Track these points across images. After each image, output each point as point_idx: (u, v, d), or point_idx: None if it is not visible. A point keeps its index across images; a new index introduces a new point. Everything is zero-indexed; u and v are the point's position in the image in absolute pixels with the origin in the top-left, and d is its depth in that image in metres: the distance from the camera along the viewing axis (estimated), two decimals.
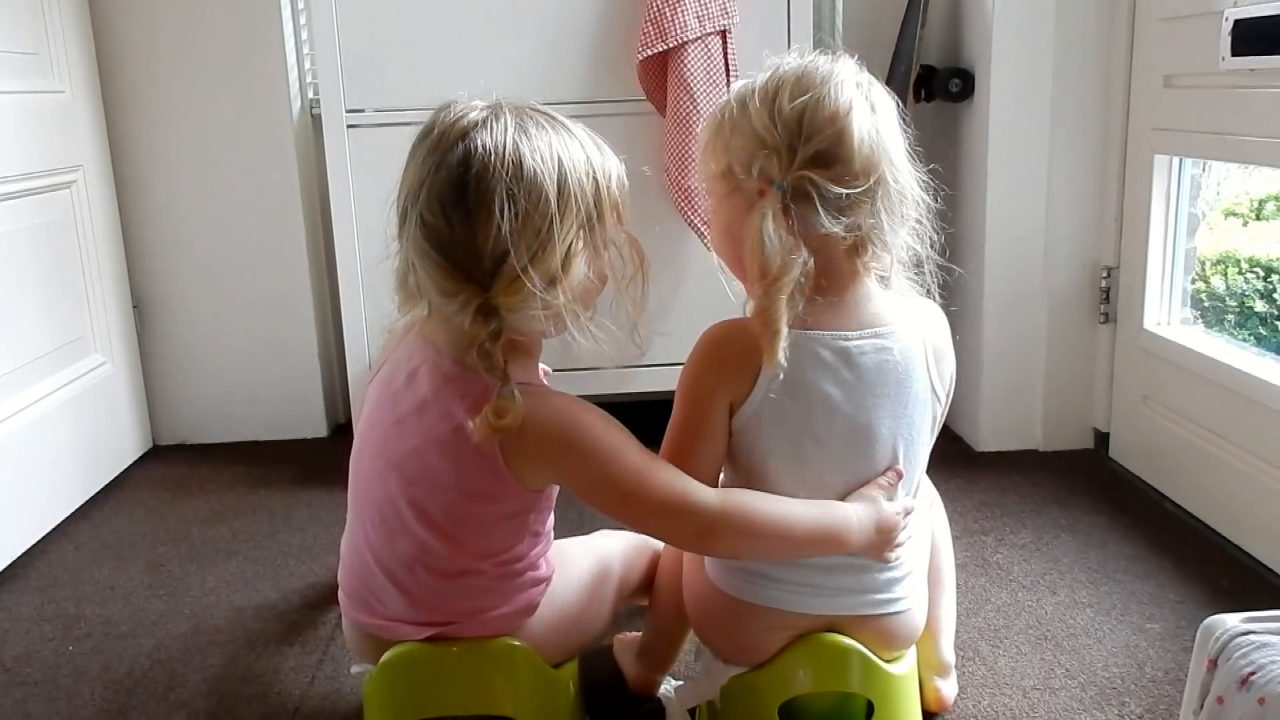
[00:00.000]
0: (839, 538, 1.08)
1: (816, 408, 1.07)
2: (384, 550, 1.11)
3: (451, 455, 1.05)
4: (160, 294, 2.36)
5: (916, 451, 1.13)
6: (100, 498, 2.11)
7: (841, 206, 1.02)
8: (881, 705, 1.15)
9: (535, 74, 2.04)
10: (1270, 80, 1.59)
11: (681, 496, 1.04)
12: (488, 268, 0.99)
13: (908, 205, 1.07)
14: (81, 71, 2.16)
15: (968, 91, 2.13)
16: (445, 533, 1.08)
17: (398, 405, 1.10)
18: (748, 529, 1.06)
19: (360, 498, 1.15)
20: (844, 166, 1.02)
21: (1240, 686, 0.77)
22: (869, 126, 1.03)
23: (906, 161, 1.08)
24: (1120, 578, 1.64)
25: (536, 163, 1.00)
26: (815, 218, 1.02)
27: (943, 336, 1.15)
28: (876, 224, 1.04)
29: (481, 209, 0.99)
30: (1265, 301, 1.91)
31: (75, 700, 1.41)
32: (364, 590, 1.14)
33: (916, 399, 1.11)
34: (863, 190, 1.02)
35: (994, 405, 2.14)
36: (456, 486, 1.06)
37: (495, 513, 1.08)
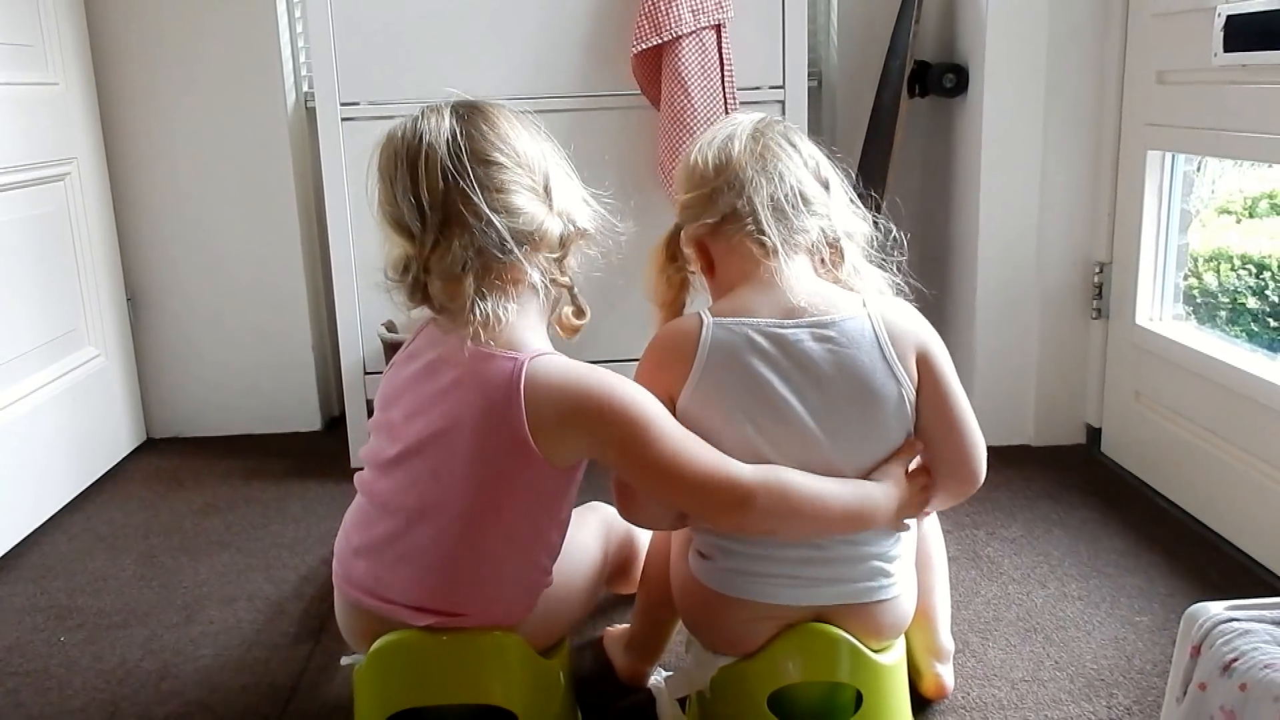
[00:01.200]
0: (868, 517, 1.09)
1: (748, 389, 1.09)
2: (403, 533, 1.10)
3: (480, 435, 1.05)
4: (154, 287, 2.36)
5: (875, 434, 1.12)
6: (94, 490, 2.11)
7: (699, 205, 1.18)
8: (870, 695, 1.16)
9: (530, 68, 2.04)
10: (1262, 76, 1.60)
11: (720, 468, 1.05)
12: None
13: (791, 194, 1.15)
14: (76, 64, 2.16)
15: (962, 87, 2.13)
16: (475, 517, 1.07)
17: (420, 394, 1.10)
18: (784, 503, 1.06)
19: (380, 482, 1.13)
20: (692, 179, 1.19)
21: (1223, 673, 0.78)
22: (717, 143, 1.18)
23: (796, 166, 1.17)
24: (1110, 571, 1.64)
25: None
26: (689, 227, 1.19)
27: (901, 315, 1.15)
28: (751, 210, 1.14)
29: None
30: (1257, 298, 1.91)
31: (67, 690, 1.41)
32: (370, 570, 1.13)
33: (867, 383, 1.10)
34: (710, 190, 1.16)
35: (986, 400, 2.15)
36: (486, 468, 1.06)
37: (524, 496, 1.08)
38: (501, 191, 1.06)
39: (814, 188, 1.17)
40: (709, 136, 1.21)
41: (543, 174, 1.11)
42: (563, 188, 1.14)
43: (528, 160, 1.10)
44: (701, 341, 1.10)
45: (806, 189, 1.16)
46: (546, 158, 1.13)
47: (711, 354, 1.10)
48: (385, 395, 1.16)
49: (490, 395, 1.05)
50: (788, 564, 1.12)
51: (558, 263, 1.12)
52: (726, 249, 1.17)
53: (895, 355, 1.11)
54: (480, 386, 1.06)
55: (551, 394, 1.04)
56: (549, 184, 1.11)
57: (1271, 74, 1.57)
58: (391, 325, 2.08)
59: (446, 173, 1.05)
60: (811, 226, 1.15)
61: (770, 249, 1.12)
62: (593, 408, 1.05)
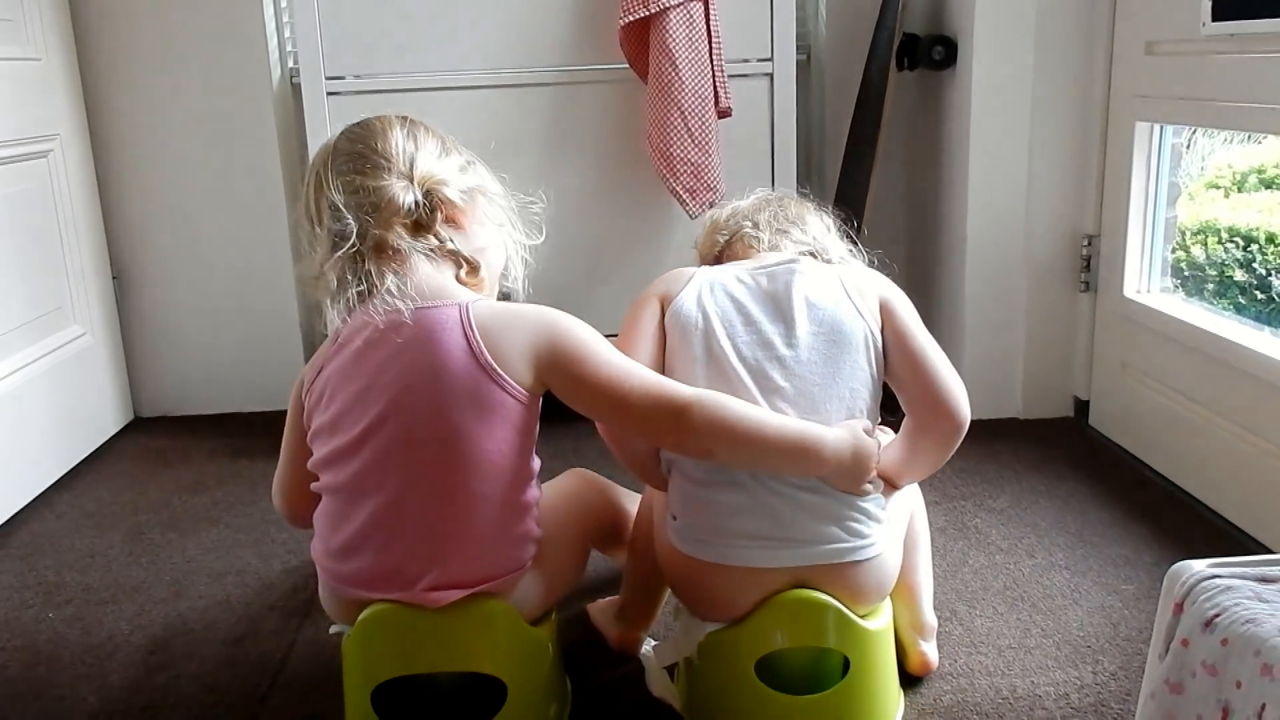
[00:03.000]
0: (813, 452, 1.10)
1: (729, 307, 1.19)
2: (388, 509, 1.09)
3: (444, 380, 1.08)
4: (140, 264, 2.34)
5: (848, 361, 1.16)
6: (81, 468, 2.10)
7: (714, 234, 1.36)
8: (858, 661, 1.16)
9: (516, 41, 2.03)
10: (1250, 45, 1.59)
11: (657, 385, 1.11)
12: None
13: (794, 220, 1.34)
14: (57, 38, 2.14)
15: (950, 59, 2.12)
16: (457, 468, 1.08)
17: (365, 371, 1.10)
18: (720, 420, 1.09)
19: (345, 472, 1.12)
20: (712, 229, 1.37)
21: (1204, 629, 0.78)
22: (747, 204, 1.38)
23: (811, 213, 1.37)
24: (1097, 541, 1.65)
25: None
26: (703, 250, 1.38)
27: (863, 272, 1.26)
28: (751, 226, 1.33)
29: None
30: (1244, 270, 1.91)
31: (55, 665, 1.41)
32: (362, 566, 1.11)
33: (836, 314, 1.17)
34: (724, 231, 1.35)
35: (975, 373, 2.15)
36: (458, 413, 1.08)
37: (498, 431, 1.09)
38: (349, 175, 1.14)
39: (816, 222, 1.35)
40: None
41: (405, 157, 1.15)
42: (429, 166, 1.16)
43: (385, 148, 1.15)
44: (695, 273, 1.24)
45: (808, 220, 1.34)
46: (416, 146, 1.17)
47: (704, 275, 1.23)
48: (320, 394, 1.15)
49: (443, 340, 1.08)
50: (756, 518, 1.12)
51: (425, 229, 1.15)
52: (735, 247, 1.33)
53: (859, 297, 1.19)
54: (429, 337, 1.09)
55: (499, 326, 1.11)
56: (412, 164, 1.15)
57: (1260, 43, 1.57)
58: None
59: (313, 176, 1.17)
60: (801, 239, 1.31)
61: (764, 244, 1.30)
62: (541, 334, 1.12)
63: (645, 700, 1.26)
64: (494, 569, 1.12)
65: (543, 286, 1.27)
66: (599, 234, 2.11)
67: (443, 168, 1.17)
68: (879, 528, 1.16)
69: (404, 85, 2.04)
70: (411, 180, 1.13)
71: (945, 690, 1.29)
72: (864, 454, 1.12)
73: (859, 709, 1.18)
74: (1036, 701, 1.26)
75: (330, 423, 1.13)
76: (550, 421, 1.21)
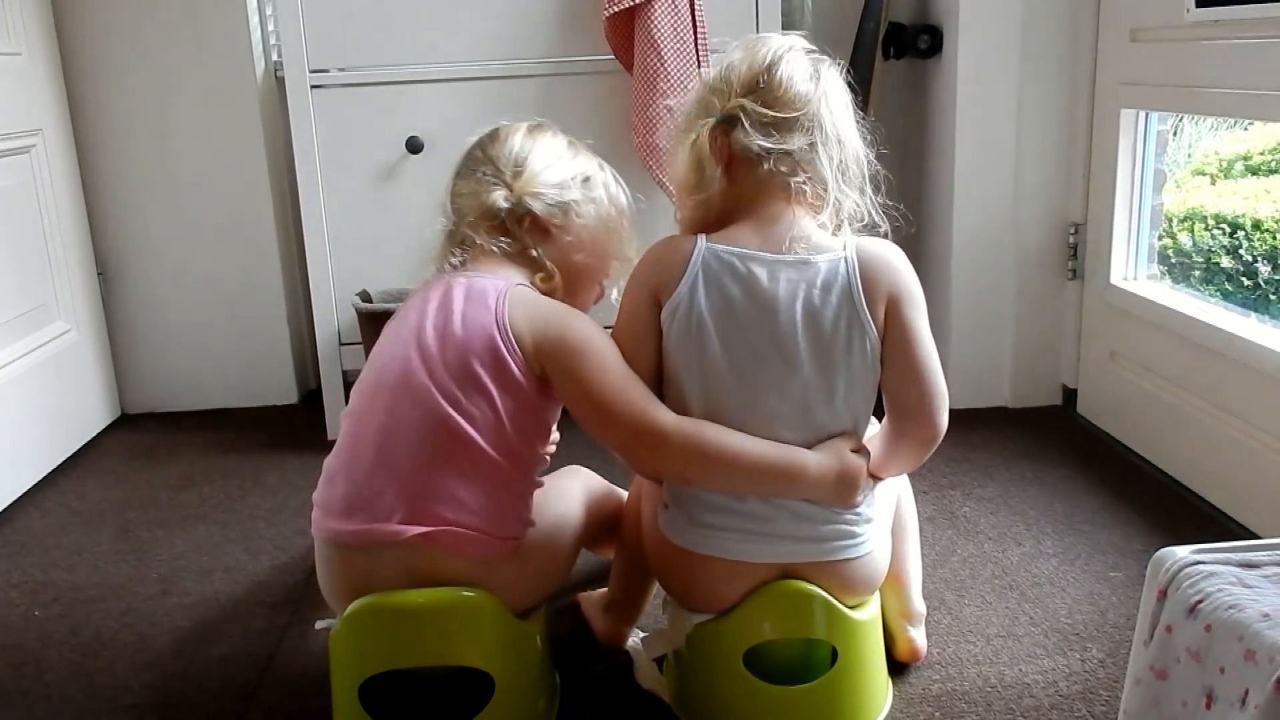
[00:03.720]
0: (794, 475, 1.10)
1: (725, 314, 1.11)
2: (401, 446, 1.12)
3: (467, 332, 1.14)
4: (125, 260, 2.33)
5: (840, 371, 1.12)
6: (68, 465, 2.09)
7: (767, 127, 1.13)
8: (846, 651, 1.16)
9: (501, 33, 2.02)
10: (1234, 31, 1.59)
11: (643, 408, 1.13)
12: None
13: (849, 160, 1.16)
14: (39, 33, 2.12)
15: (936, 48, 2.12)
16: (458, 407, 1.12)
17: (407, 311, 1.20)
18: (698, 450, 1.11)
19: (368, 393, 1.17)
20: (772, 95, 1.14)
21: (1188, 614, 0.78)
22: (803, 71, 1.15)
23: (854, 129, 1.18)
24: (1085, 529, 1.66)
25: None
26: (745, 138, 1.13)
27: (879, 263, 1.13)
28: (812, 159, 1.13)
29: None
30: (1231, 257, 1.92)
31: (43, 663, 1.41)
32: (361, 494, 1.12)
33: (832, 324, 1.11)
34: (790, 119, 1.13)
35: (962, 362, 2.15)
36: (472, 354, 1.13)
37: (505, 393, 1.13)
38: (457, 177, 1.29)
39: (858, 164, 1.18)
40: (779, 47, 1.16)
41: (511, 164, 1.25)
42: (530, 175, 1.24)
43: (494, 154, 1.26)
44: (693, 257, 1.13)
45: (851, 164, 1.17)
46: (528, 153, 1.26)
47: (702, 271, 1.12)
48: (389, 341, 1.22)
49: (479, 301, 1.16)
50: (744, 516, 1.12)
51: (508, 232, 1.23)
52: (763, 179, 1.14)
53: (864, 302, 1.11)
54: (468, 296, 1.17)
55: (525, 303, 1.17)
56: (517, 171, 1.24)
57: (1244, 28, 1.57)
58: (366, 295, 2.07)
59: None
60: (850, 201, 1.17)
61: (802, 201, 1.14)
62: (554, 321, 1.16)
63: (634, 692, 1.26)
64: (472, 527, 1.11)
65: None
66: None
67: (543, 179, 1.24)
68: (869, 526, 1.16)
69: (389, 78, 2.03)
70: (510, 187, 1.23)
71: (934, 679, 1.29)
72: (849, 476, 1.12)
73: (847, 699, 1.18)
74: (1025, 690, 1.26)
75: (369, 359, 1.22)
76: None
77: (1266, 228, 1.86)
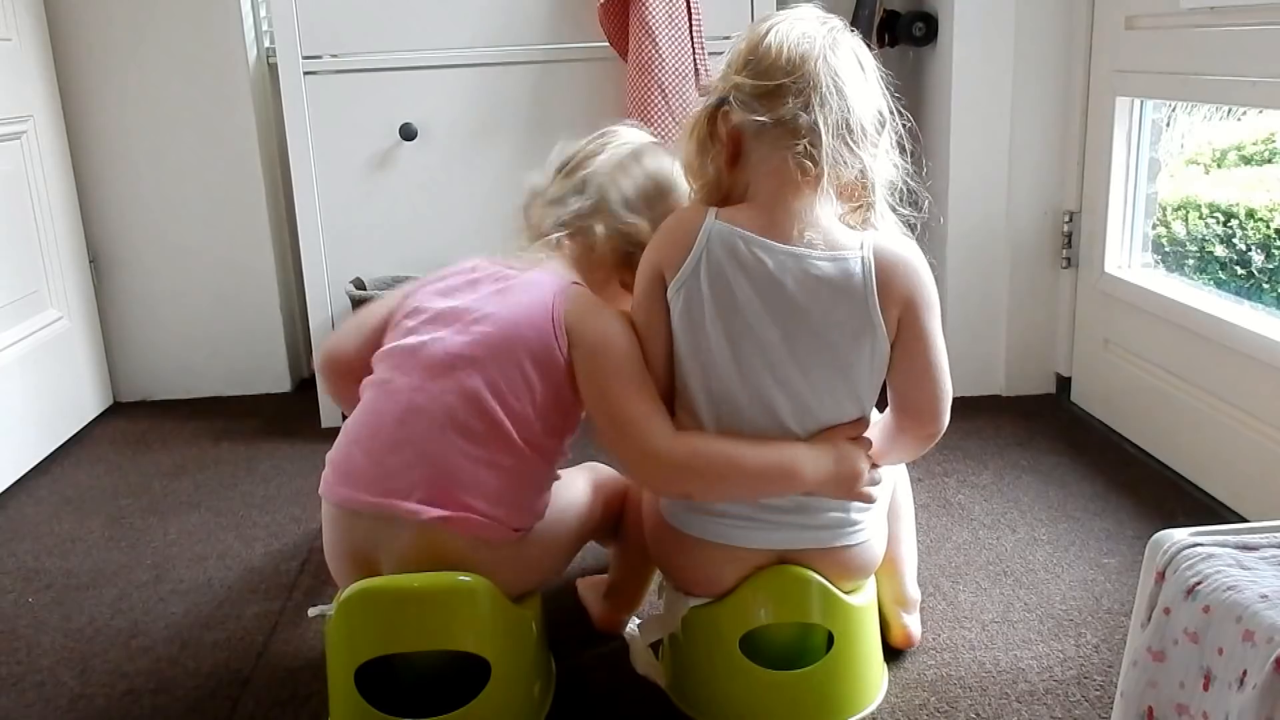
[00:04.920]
0: (790, 474, 1.10)
1: (727, 303, 1.09)
2: (430, 425, 1.11)
3: (543, 345, 1.14)
4: (117, 248, 2.32)
5: (842, 371, 1.11)
6: (60, 453, 2.08)
7: (757, 99, 1.09)
8: (841, 636, 1.16)
9: (495, 19, 2.01)
10: (1229, 18, 1.59)
11: (646, 435, 1.12)
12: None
13: (860, 119, 1.10)
14: (29, 19, 2.11)
15: (931, 35, 2.12)
16: (514, 417, 1.12)
17: (475, 308, 1.17)
18: (694, 473, 1.11)
19: (411, 380, 1.14)
20: (761, 66, 1.10)
21: (1186, 596, 0.78)
22: (796, 36, 1.10)
23: (866, 87, 1.12)
24: (1079, 516, 1.66)
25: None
26: (736, 116, 1.11)
27: (898, 263, 1.11)
28: (808, 122, 1.07)
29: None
30: (1224, 245, 1.92)
31: (36, 649, 1.40)
32: (382, 466, 1.12)
33: (840, 324, 1.09)
34: (780, 85, 1.08)
35: (957, 351, 2.11)
36: (524, 353, 1.13)
37: (545, 383, 1.13)
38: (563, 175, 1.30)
39: (874, 124, 1.12)
40: (784, 23, 1.11)
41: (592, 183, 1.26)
42: (638, 227, 1.24)
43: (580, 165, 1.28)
44: (701, 235, 1.10)
45: (867, 124, 1.10)
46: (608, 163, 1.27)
47: (708, 251, 1.10)
48: (426, 293, 1.21)
49: (534, 293, 1.16)
50: (757, 507, 1.12)
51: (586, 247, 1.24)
52: (765, 154, 1.11)
53: (878, 304, 1.09)
54: (529, 285, 1.18)
55: (580, 308, 1.16)
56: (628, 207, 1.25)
57: (1238, 16, 1.57)
58: (360, 283, 2.06)
59: None
60: (859, 164, 1.10)
61: (810, 176, 1.08)
62: (596, 330, 1.15)
63: (630, 677, 1.25)
64: (489, 515, 1.11)
65: None
66: None
67: (641, 227, 1.23)
68: (866, 513, 1.16)
69: (382, 65, 2.02)
70: (612, 223, 1.24)
71: (929, 664, 1.29)
72: (848, 468, 1.11)
73: (843, 683, 1.18)
74: (1020, 675, 1.26)
75: (413, 324, 1.19)
76: None
77: (1260, 216, 1.86)
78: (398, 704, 1.12)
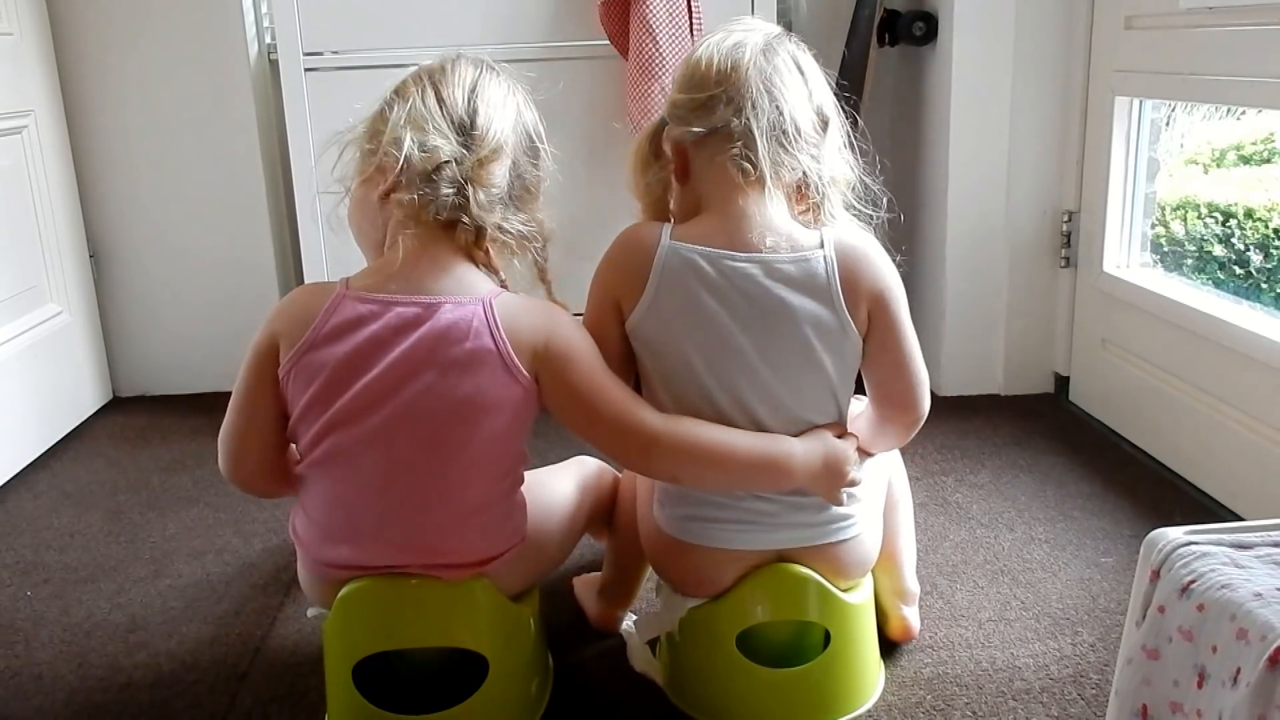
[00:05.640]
0: (781, 467, 1.10)
1: (695, 320, 1.09)
2: (388, 494, 1.07)
3: (495, 370, 1.07)
4: (117, 242, 2.32)
5: (815, 372, 1.11)
6: (59, 448, 2.09)
7: (691, 113, 1.12)
8: (839, 633, 1.17)
9: (497, 17, 2.01)
10: (1228, 18, 1.59)
11: (629, 413, 1.10)
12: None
13: (795, 121, 1.11)
14: (30, 13, 2.11)
15: (931, 35, 2.12)
16: (457, 454, 1.07)
17: (386, 355, 1.07)
18: (687, 450, 1.09)
19: (352, 450, 1.08)
20: (693, 79, 1.13)
21: (1181, 594, 0.79)
22: (726, 47, 1.12)
23: (802, 92, 1.13)
24: (1076, 515, 1.66)
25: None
26: (673, 132, 1.14)
27: (860, 260, 1.11)
28: (741, 129, 1.09)
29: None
30: (1223, 245, 1.92)
31: (34, 643, 1.40)
32: (350, 548, 1.09)
33: (810, 324, 1.09)
34: (711, 96, 1.10)
35: (955, 350, 2.16)
36: (472, 398, 1.07)
37: (504, 420, 1.09)
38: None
39: (812, 123, 1.13)
40: (719, 37, 1.14)
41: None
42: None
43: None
44: (655, 262, 1.11)
45: (804, 124, 1.11)
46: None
47: (664, 277, 1.10)
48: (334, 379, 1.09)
49: (465, 320, 1.08)
50: (737, 507, 1.13)
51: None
52: (707, 163, 1.13)
53: (844, 302, 1.09)
54: (456, 313, 1.08)
55: (516, 318, 1.10)
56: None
57: (1237, 16, 1.57)
58: None
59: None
60: (800, 165, 1.11)
61: (754, 180, 1.10)
62: (541, 332, 1.10)
63: (628, 675, 1.26)
64: (490, 549, 1.12)
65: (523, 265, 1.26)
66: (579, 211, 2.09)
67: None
68: (859, 506, 1.16)
69: (383, 61, 2.02)
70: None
71: (925, 662, 1.29)
72: (836, 462, 1.11)
73: (840, 681, 1.19)
74: (1016, 673, 1.26)
75: (316, 394, 1.09)
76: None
77: (1258, 216, 1.86)
78: (395, 700, 1.12)
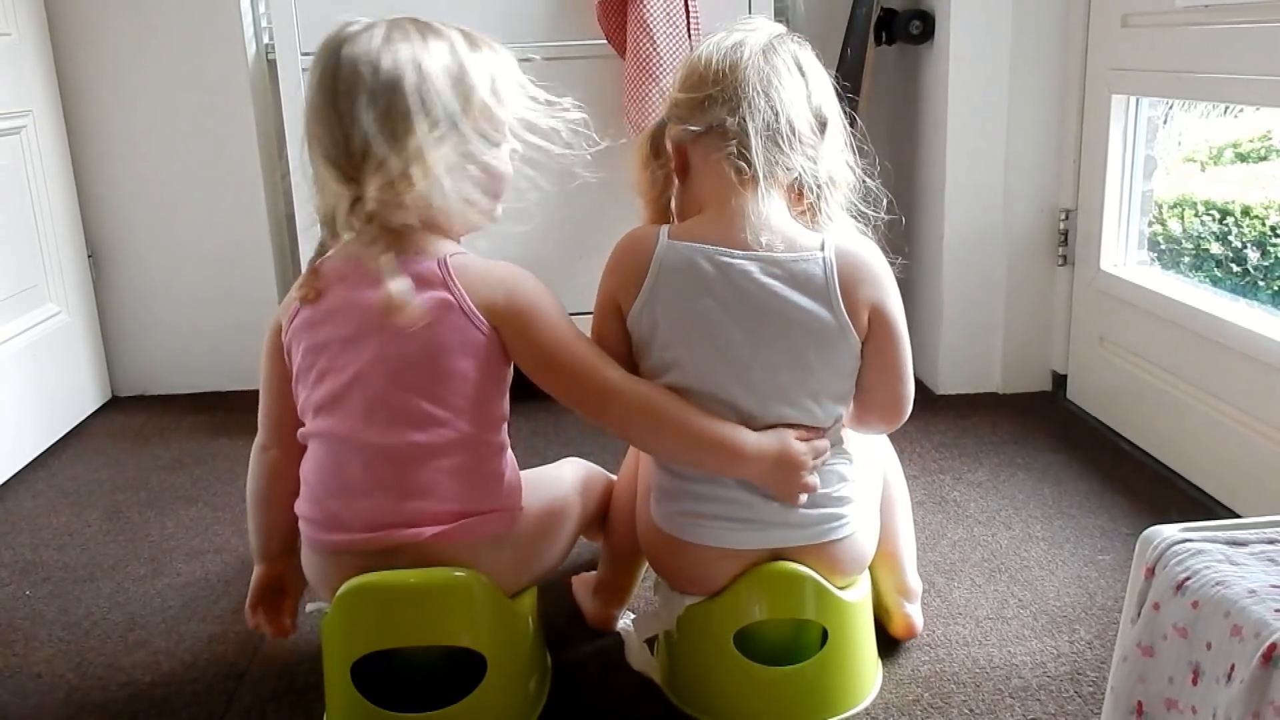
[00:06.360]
0: (730, 451, 1.10)
1: (690, 313, 1.10)
2: (372, 452, 1.10)
3: (459, 334, 1.10)
4: (116, 242, 2.32)
5: (808, 374, 1.12)
6: (58, 447, 2.09)
7: (689, 113, 1.13)
8: (836, 632, 1.17)
9: (494, 16, 2.01)
10: (1224, 16, 1.60)
11: (592, 365, 1.13)
12: (359, 164, 1.10)
13: (790, 121, 1.11)
14: (29, 13, 2.11)
15: (928, 34, 2.12)
16: (437, 401, 1.09)
17: (351, 316, 1.14)
18: (641, 408, 1.12)
19: (334, 412, 1.13)
20: (692, 79, 1.14)
21: (1175, 592, 0.79)
22: (724, 47, 1.13)
23: (800, 98, 1.13)
24: (1073, 513, 1.66)
25: (393, 66, 1.13)
26: (672, 130, 1.16)
27: (859, 265, 1.12)
28: (736, 129, 1.10)
29: (346, 113, 1.10)
30: (1220, 243, 1.92)
31: (33, 642, 1.41)
32: (340, 503, 1.11)
33: (806, 325, 1.10)
34: (709, 95, 1.11)
35: (953, 348, 2.16)
36: (433, 340, 1.09)
37: (470, 364, 1.10)
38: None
39: (809, 124, 1.13)
40: (722, 35, 1.15)
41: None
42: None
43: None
44: (654, 260, 1.12)
45: (800, 124, 1.11)
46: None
47: (661, 272, 1.12)
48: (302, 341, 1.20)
49: (426, 283, 1.10)
50: (733, 505, 1.13)
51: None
52: (704, 162, 1.14)
53: (843, 305, 1.10)
54: (416, 277, 1.11)
55: (475, 278, 1.11)
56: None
57: (1233, 14, 1.58)
58: None
59: None
60: (795, 165, 1.11)
61: (748, 179, 1.10)
62: (502, 291, 1.12)
63: (626, 673, 1.26)
64: (467, 501, 1.11)
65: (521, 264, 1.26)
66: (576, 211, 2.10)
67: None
68: (852, 505, 1.17)
69: None
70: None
71: (923, 660, 1.30)
72: (790, 463, 1.11)
73: (837, 679, 1.19)
74: (1013, 671, 1.27)
75: (302, 369, 1.22)
76: (530, 400, 1.21)
77: (1255, 214, 1.87)
78: (394, 699, 1.13)
